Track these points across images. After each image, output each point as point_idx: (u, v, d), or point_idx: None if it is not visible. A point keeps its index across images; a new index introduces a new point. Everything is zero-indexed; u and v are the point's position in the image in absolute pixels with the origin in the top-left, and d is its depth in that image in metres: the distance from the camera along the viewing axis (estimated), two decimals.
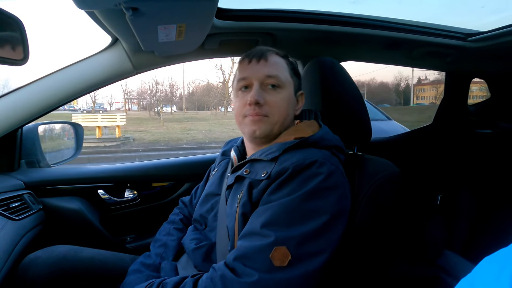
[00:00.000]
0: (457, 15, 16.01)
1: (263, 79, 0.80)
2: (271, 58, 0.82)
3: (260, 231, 0.65)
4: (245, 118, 0.81)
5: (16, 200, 1.10)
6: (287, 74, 0.83)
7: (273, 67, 0.82)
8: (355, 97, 0.94)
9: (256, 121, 0.79)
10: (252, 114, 0.79)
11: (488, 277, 0.30)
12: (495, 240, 1.36)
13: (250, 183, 0.75)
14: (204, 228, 0.89)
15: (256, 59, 0.82)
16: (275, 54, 0.85)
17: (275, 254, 0.61)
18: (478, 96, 9.81)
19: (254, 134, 0.81)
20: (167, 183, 1.50)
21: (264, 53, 0.83)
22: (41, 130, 1.40)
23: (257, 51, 0.84)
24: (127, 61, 1.14)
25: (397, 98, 34.24)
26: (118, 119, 11.83)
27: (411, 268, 1.43)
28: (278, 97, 0.81)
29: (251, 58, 0.83)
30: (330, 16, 1.16)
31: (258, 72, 0.81)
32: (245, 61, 0.84)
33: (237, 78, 0.84)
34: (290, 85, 0.83)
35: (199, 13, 0.79)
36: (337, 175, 0.71)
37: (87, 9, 0.77)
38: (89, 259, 0.94)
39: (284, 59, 0.85)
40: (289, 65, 0.86)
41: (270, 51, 0.84)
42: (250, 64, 0.82)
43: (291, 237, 0.63)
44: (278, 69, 0.82)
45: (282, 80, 0.81)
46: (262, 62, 0.81)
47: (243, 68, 0.84)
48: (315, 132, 0.80)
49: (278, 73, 0.81)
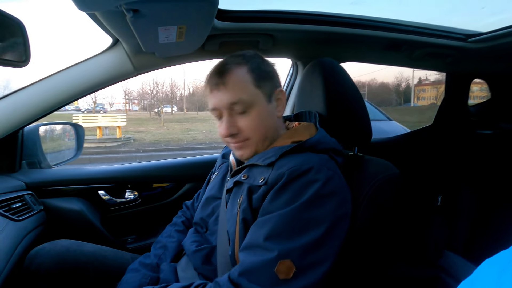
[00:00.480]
0: (457, 16, 15.93)
1: (228, 107, 0.77)
2: (229, 79, 0.77)
3: (262, 244, 0.64)
4: (230, 144, 0.83)
5: (17, 201, 1.10)
6: (251, 88, 0.77)
7: (234, 91, 0.76)
8: (355, 98, 0.94)
9: (239, 147, 0.81)
10: (233, 142, 0.80)
11: (489, 280, 0.30)
12: (495, 241, 1.36)
13: (249, 188, 0.75)
14: (205, 231, 0.89)
15: (215, 88, 0.78)
16: (235, 67, 0.78)
17: (280, 267, 0.61)
18: (479, 97, 9.81)
19: (243, 158, 0.82)
20: (168, 183, 1.50)
21: (220, 77, 0.77)
22: (42, 131, 1.40)
23: (213, 75, 0.79)
24: (127, 62, 1.15)
25: (397, 99, 34.21)
26: (118, 120, 11.85)
27: (412, 268, 1.43)
28: (249, 119, 0.78)
29: (211, 87, 0.79)
30: (330, 17, 1.16)
31: (221, 101, 0.77)
32: (207, 89, 0.81)
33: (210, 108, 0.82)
34: (258, 99, 0.78)
35: (200, 14, 0.80)
36: (334, 181, 0.71)
37: (88, 11, 0.77)
38: (90, 253, 0.96)
39: (247, 65, 0.79)
40: (252, 74, 0.78)
41: (227, 68, 0.78)
42: (212, 93, 0.79)
43: (294, 249, 0.63)
44: (239, 91, 0.76)
45: (247, 101, 0.77)
46: (221, 89, 0.77)
47: (209, 96, 0.80)
48: (312, 135, 0.79)
49: (241, 95, 0.76)
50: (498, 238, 1.37)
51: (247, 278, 0.63)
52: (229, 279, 0.65)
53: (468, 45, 1.29)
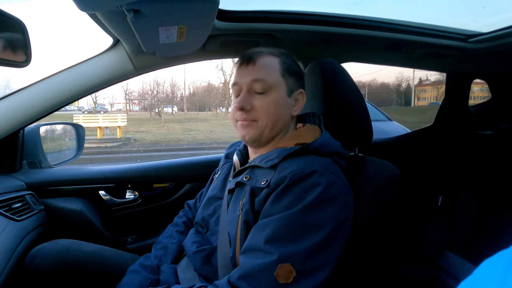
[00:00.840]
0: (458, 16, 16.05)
1: (250, 84, 0.80)
2: (260, 60, 0.81)
3: (263, 248, 0.64)
4: (237, 123, 0.82)
5: (18, 201, 1.10)
6: (277, 75, 0.81)
7: (260, 70, 0.80)
8: (356, 98, 0.94)
9: (245, 126, 0.80)
10: (241, 119, 0.80)
11: (491, 280, 0.29)
12: (496, 241, 1.35)
13: (251, 190, 0.75)
14: (205, 231, 0.89)
15: (245, 63, 0.82)
16: (268, 54, 0.82)
17: (280, 271, 0.61)
18: (479, 97, 9.81)
19: (244, 138, 0.82)
20: (168, 184, 1.50)
21: (252, 56, 0.81)
22: (42, 131, 1.40)
23: (247, 54, 0.83)
24: (128, 62, 1.15)
25: (398, 99, 34.19)
26: (119, 120, 11.85)
27: (412, 269, 1.43)
28: (265, 101, 0.79)
29: (241, 62, 0.83)
30: (331, 18, 1.16)
31: (245, 77, 0.81)
32: (237, 64, 0.84)
33: (231, 84, 0.85)
34: (280, 86, 0.81)
35: (200, 14, 0.80)
36: (337, 185, 0.70)
37: (89, 11, 0.77)
38: (90, 253, 0.96)
39: (279, 58, 0.83)
40: (282, 65, 0.82)
41: (261, 52, 0.82)
42: (240, 68, 0.83)
43: (294, 253, 0.62)
44: (265, 72, 0.80)
45: (269, 84, 0.79)
46: (250, 66, 0.81)
47: (236, 72, 0.84)
48: (316, 138, 0.79)
49: (265, 76, 0.79)
50: (499, 239, 1.37)
51: (247, 282, 0.62)
52: (229, 282, 0.64)
53: (468, 45, 1.29)
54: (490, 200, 1.57)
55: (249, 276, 0.63)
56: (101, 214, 1.39)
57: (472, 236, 1.54)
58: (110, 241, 1.33)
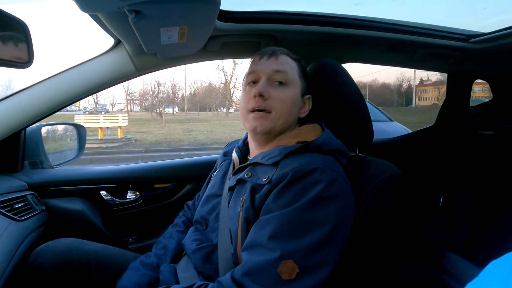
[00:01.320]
0: (459, 17, 15.82)
1: (271, 73, 0.82)
2: (281, 56, 0.85)
3: (265, 244, 0.65)
4: (249, 114, 0.82)
5: (19, 201, 1.11)
6: (295, 74, 0.85)
7: (282, 64, 0.83)
8: (357, 99, 0.94)
9: (259, 118, 0.80)
10: (256, 106, 0.80)
11: (496, 282, 0.30)
12: (497, 242, 1.35)
13: (252, 187, 0.75)
14: (205, 229, 0.89)
15: (267, 56, 0.84)
16: (287, 55, 0.87)
17: (283, 268, 0.61)
18: (480, 97, 9.82)
19: (256, 130, 0.81)
20: (169, 184, 1.50)
21: (275, 51, 0.85)
22: (44, 131, 1.41)
23: (269, 49, 0.87)
24: (129, 63, 1.15)
25: (399, 99, 34.16)
26: (120, 120, 11.87)
27: (413, 269, 1.43)
28: (283, 93, 0.81)
29: (262, 55, 0.85)
30: (333, 18, 1.16)
31: (267, 67, 0.83)
32: (256, 57, 0.87)
33: (247, 73, 0.86)
34: (297, 85, 0.84)
35: (201, 15, 0.80)
36: (338, 183, 0.70)
37: (91, 12, 0.78)
38: (92, 251, 0.97)
39: (295, 61, 0.87)
40: (299, 67, 0.87)
41: (282, 51, 0.87)
42: (261, 60, 0.85)
43: (297, 249, 0.63)
44: (286, 67, 0.83)
45: (289, 78, 0.82)
46: (272, 59, 0.84)
47: (253, 63, 0.86)
48: (318, 136, 0.79)
49: (287, 69, 0.83)
50: (500, 240, 1.37)
51: (251, 279, 0.63)
52: (232, 279, 0.65)
53: (469, 45, 1.28)
54: (491, 200, 1.56)
55: (253, 273, 0.63)
56: (102, 214, 1.39)
57: (473, 237, 1.54)
58: (111, 241, 1.34)
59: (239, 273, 0.64)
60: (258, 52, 0.89)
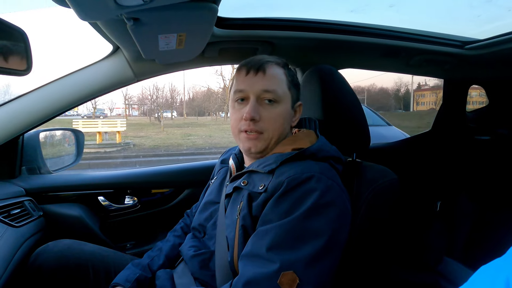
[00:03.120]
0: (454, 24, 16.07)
1: (259, 93, 0.78)
2: (269, 70, 0.80)
3: (264, 255, 0.64)
4: (240, 134, 0.81)
5: (16, 207, 1.10)
6: (284, 87, 0.81)
7: (271, 81, 0.79)
8: (354, 105, 0.95)
9: (252, 138, 0.79)
10: (248, 130, 0.79)
11: (483, 284, 0.30)
12: (495, 247, 1.36)
13: (249, 194, 0.75)
14: (203, 236, 0.89)
15: (254, 71, 0.79)
16: (275, 64, 0.82)
17: (283, 279, 0.61)
18: (478, 102, 9.89)
19: (249, 151, 0.81)
20: (167, 189, 1.50)
21: (262, 65, 0.80)
22: (42, 136, 1.41)
23: (255, 62, 0.81)
24: (128, 69, 1.16)
25: (397, 104, 34.29)
26: (118, 125, 11.85)
27: (411, 274, 1.43)
28: (274, 112, 0.79)
29: (248, 70, 0.80)
30: (329, 25, 1.17)
31: (254, 85, 0.79)
32: (242, 71, 0.81)
33: (234, 90, 0.83)
34: (287, 99, 0.82)
35: (199, 22, 0.81)
36: (334, 190, 0.70)
37: (90, 20, 0.78)
38: (90, 252, 0.99)
39: (284, 69, 0.83)
40: (288, 76, 0.83)
41: (269, 62, 0.81)
42: (248, 76, 0.80)
43: (296, 260, 0.63)
44: (275, 83, 0.79)
45: (279, 95, 0.79)
46: (259, 75, 0.79)
47: (240, 79, 0.81)
48: (313, 143, 0.79)
49: (276, 87, 0.79)
50: (498, 244, 1.37)
51: None
52: None
53: (465, 52, 1.30)
54: (488, 205, 1.57)
55: (253, 284, 0.63)
56: (100, 219, 1.39)
57: (471, 242, 1.54)
58: (109, 246, 1.33)
59: (239, 284, 0.64)
60: (243, 62, 0.83)
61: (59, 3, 0.63)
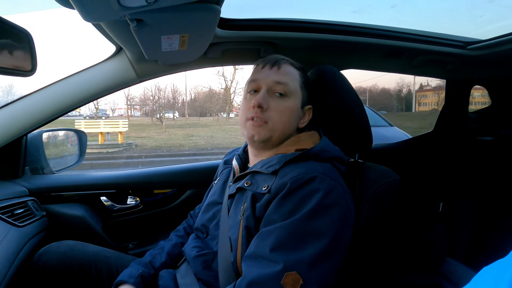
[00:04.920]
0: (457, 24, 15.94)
1: (271, 84, 0.82)
2: (284, 66, 0.84)
3: (268, 256, 0.65)
4: (247, 122, 0.82)
5: (20, 207, 1.11)
6: (296, 84, 0.84)
7: (284, 75, 0.83)
8: (356, 105, 0.95)
9: (256, 126, 0.80)
10: (255, 116, 0.80)
11: (486, 285, 0.30)
12: (497, 247, 1.35)
13: (253, 195, 0.75)
14: (205, 236, 0.90)
15: (269, 65, 0.84)
16: (290, 64, 0.86)
17: (286, 280, 0.61)
18: (480, 102, 9.87)
19: (253, 138, 0.81)
20: (169, 190, 1.51)
21: (278, 61, 0.84)
22: (45, 137, 1.41)
23: (272, 58, 0.86)
24: (130, 69, 1.16)
25: (399, 105, 34.22)
26: (120, 125, 11.88)
27: (413, 275, 1.42)
28: (282, 105, 0.81)
29: (265, 64, 0.85)
30: (331, 25, 1.17)
31: (268, 77, 0.82)
32: (259, 66, 0.86)
33: (248, 80, 0.87)
34: (297, 96, 0.84)
35: (202, 23, 0.81)
36: (337, 191, 0.71)
37: (94, 21, 0.79)
38: (94, 253, 1.00)
39: (298, 71, 0.86)
40: (301, 77, 0.86)
41: (286, 60, 0.86)
42: (263, 69, 0.84)
43: (299, 260, 0.63)
44: (288, 78, 0.83)
45: (290, 89, 0.82)
46: (274, 69, 0.83)
47: (255, 71, 0.86)
48: (316, 143, 0.80)
49: (288, 81, 0.82)
50: (501, 245, 1.37)
51: None
52: None
53: (467, 52, 1.30)
54: (491, 205, 1.57)
55: (257, 284, 0.63)
56: (102, 220, 1.40)
57: (473, 242, 1.53)
58: (111, 247, 1.33)
59: (243, 285, 0.64)
60: (261, 59, 0.88)
61: (63, 4, 0.64)
